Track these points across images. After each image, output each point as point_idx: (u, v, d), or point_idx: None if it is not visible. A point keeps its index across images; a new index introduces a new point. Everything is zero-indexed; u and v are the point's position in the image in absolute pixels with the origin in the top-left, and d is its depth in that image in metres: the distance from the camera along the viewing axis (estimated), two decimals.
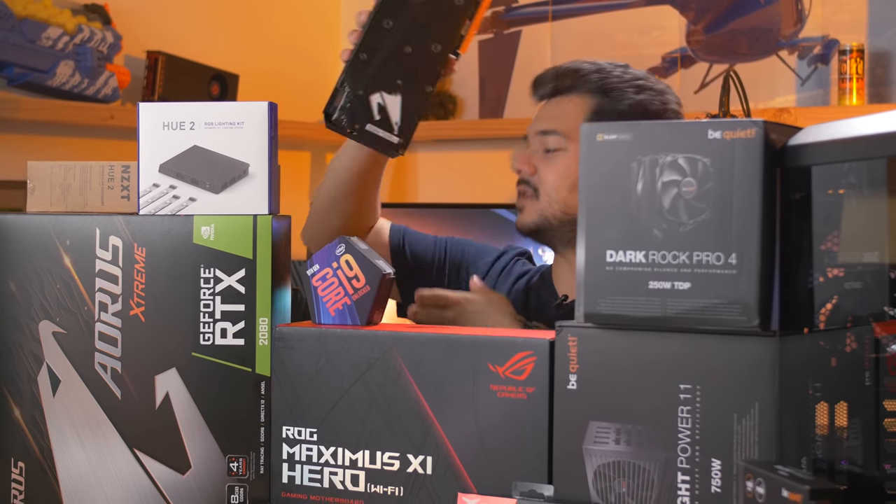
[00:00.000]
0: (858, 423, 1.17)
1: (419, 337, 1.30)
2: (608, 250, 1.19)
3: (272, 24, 3.86)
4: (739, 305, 1.13)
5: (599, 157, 1.20)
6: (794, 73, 3.40)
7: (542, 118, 1.97)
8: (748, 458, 1.12)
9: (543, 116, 1.97)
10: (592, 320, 1.20)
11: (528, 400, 1.24)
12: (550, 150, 1.94)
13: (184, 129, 1.41)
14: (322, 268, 1.40)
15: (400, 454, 1.30)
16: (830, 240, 1.17)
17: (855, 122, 1.06)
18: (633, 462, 1.18)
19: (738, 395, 1.14)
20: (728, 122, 1.15)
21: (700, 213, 1.15)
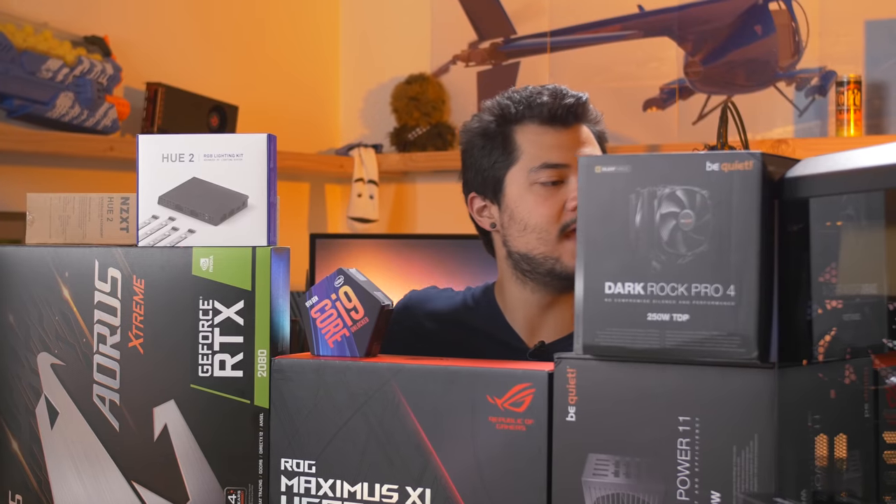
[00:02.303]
0: (858, 456, 1.17)
1: (418, 369, 1.30)
2: (607, 282, 1.19)
3: (271, 57, 3.87)
4: (738, 337, 1.13)
5: (598, 188, 1.20)
6: (792, 105, 3.41)
7: (584, 146, 1.82)
8: (748, 491, 1.12)
9: (584, 144, 1.82)
10: (591, 352, 1.20)
11: (526, 432, 1.24)
12: None
13: (183, 161, 1.41)
14: (321, 299, 1.40)
15: (398, 486, 1.29)
16: (829, 272, 1.17)
17: (852, 155, 1.07)
18: (633, 495, 1.17)
19: (738, 427, 1.13)
20: (726, 155, 1.15)
21: (698, 245, 1.15)
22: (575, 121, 1.82)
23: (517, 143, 1.81)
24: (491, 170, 1.84)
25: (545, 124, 1.81)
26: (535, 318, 1.84)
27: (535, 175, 1.78)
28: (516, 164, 1.81)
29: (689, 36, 3.56)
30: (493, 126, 1.84)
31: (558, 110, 1.80)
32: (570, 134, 1.81)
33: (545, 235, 1.77)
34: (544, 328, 1.84)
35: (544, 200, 1.77)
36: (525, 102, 1.82)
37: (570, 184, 1.77)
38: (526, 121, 1.82)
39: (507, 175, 1.82)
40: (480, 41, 3.88)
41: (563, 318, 1.83)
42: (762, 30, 3.45)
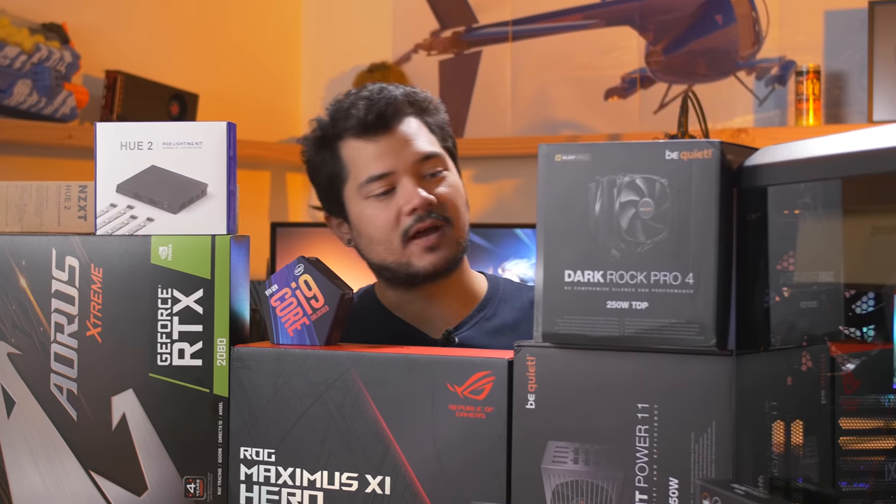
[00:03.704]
0: (814, 442, 1.18)
1: (378, 357, 1.30)
2: (566, 270, 1.19)
3: (232, 44, 3.85)
4: (696, 325, 1.13)
5: (557, 177, 1.20)
6: (752, 94, 3.43)
7: (405, 147, 1.76)
8: (705, 477, 1.12)
9: (404, 145, 1.76)
10: (551, 340, 1.20)
11: (486, 420, 1.24)
12: (436, 174, 1.77)
13: (142, 149, 1.40)
14: (281, 288, 1.39)
15: (358, 474, 1.29)
16: (786, 260, 1.18)
17: (810, 144, 1.07)
18: (592, 481, 1.18)
19: (696, 414, 1.14)
20: (685, 143, 1.15)
21: (657, 233, 1.15)
22: (392, 123, 1.76)
23: (343, 160, 1.78)
24: (330, 189, 1.81)
25: (361, 138, 1.76)
26: (424, 310, 1.82)
27: (366, 189, 1.74)
28: (348, 180, 1.78)
29: (651, 25, 3.57)
30: (321, 145, 1.81)
31: (370, 120, 1.75)
32: (390, 139, 1.76)
33: (389, 245, 1.74)
34: (436, 319, 1.82)
35: (380, 212, 1.74)
36: (341, 117, 1.78)
37: (401, 188, 1.73)
38: (344, 136, 1.77)
39: (344, 193, 1.79)
40: (442, 30, 3.87)
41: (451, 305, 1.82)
42: (723, 19, 3.47)
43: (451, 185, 1.78)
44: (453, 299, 1.81)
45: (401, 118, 1.77)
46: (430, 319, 1.80)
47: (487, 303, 1.83)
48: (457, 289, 1.81)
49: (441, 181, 1.76)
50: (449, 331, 1.78)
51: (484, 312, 1.81)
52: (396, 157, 1.74)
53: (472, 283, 1.85)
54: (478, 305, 1.82)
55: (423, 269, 1.73)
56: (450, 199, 1.76)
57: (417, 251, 1.73)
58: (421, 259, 1.73)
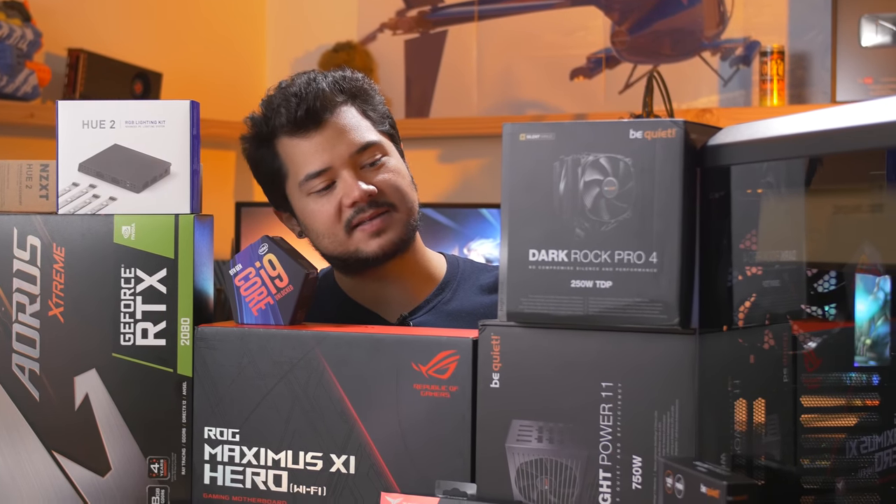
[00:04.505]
0: (777, 420, 1.19)
1: (342, 336, 1.30)
2: (531, 249, 1.19)
3: (197, 22, 3.83)
4: (660, 304, 1.14)
5: (522, 156, 1.20)
6: (717, 74, 3.44)
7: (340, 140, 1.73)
8: (668, 455, 1.13)
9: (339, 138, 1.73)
10: (515, 319, 1.20)
11: (451, 399, 1.24)
12: (375, 162, 1.74)
13: (104, 128, 1.39)
14: (245, 267, 1.39)
15: (323, 454, 1.29)
16: (749, 239, 1.18)
17: (772, 123, 1.08)
18: (556, 460, 1.18)
19: (659, 392, 1.15)
20: (649, 122, 1.16)
21: (621, 212, 1.16)
22: (324, 117, 1.73)
23: (281, 158, 1.76)
24: (273, 185, 1.79)
25: (294, 135, 1.73)
26: (380, 293, 1.81)
27: (306, 186, 1.73)
28: (288, 178, 1.76)
29: (616, 5, 3.57)
30: (258, 143, 1.79)
31: (300, 117, 1.72)
32: (323, 134, 1.73)
33: (335, 238, 1.73)
34: (393, 302, 1.81)
35: (322, 207, 1.72)
36: (273, 114, 1.75)
37: (341, 182, 1.72)
38: (279, 134, 1.75)
39: (287, 189, 1.77)
40: (408, 9, 3.86)
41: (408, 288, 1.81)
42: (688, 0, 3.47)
43: (391, 170, 1.76)
44: (409, 281, 1.80)
45: (333, 109, 1.74)
46: (387, 302, 1.80)
47: (446, 286, 1.82)
48: (412, 270, 1.80)
49: (381, 168, 1.74)
50: (404, 315, 1.77)
51: (442, 296, 1.80)
52: (332, 152, 1.72)
53: (429, 265, 1.84)
54: (436, 289, 1.81)
55: (372, 253, 1.72)
56: (391, 185, 1.74)
57: (363, 237, 1.71)
58: (368, 245, 1.72)
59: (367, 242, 1.72)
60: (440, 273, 1.84)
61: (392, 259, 1.75)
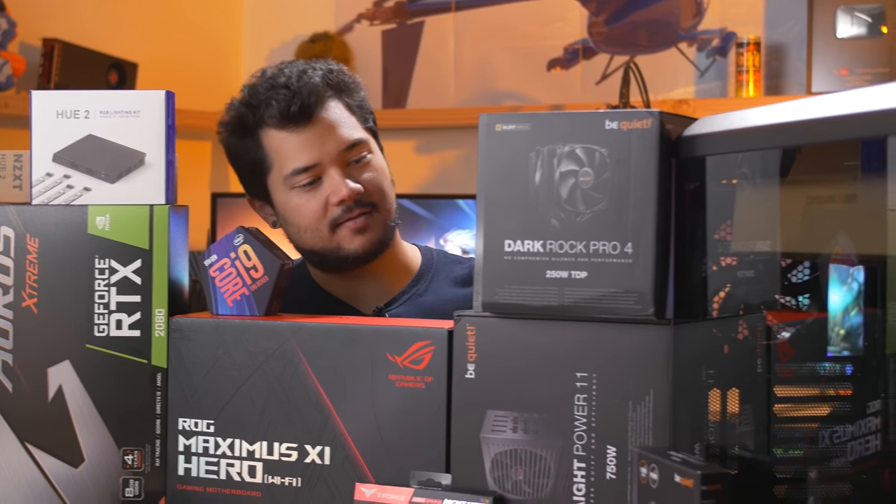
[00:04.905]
0: (750, 409, 1.19)
1: (318, 327, 1.30)
2: (506, 240, 1.19)
3: (173, 12, 3.81)
4: (635, 294, 1.14)
5: (498, 147, 1.20)
6: (693, 66, 3.45)
7: (329, 136, 1.72)
8: (642, 445, 1.13)
9: (328, 134, 1.72)
10: (490, 309, 1.20)
11: (426, 389, 1.24)
12: (361, 160, 1.74)
13: (78, 118, 1.39)
14: (220, 258, 1.38)
15: (298, 445, 1.29)
16: (724, 229, 1.18)
17: (747, 114, 1.08)
18: (530, 450, 1.18)
19: (634, 382, 1.15)
20: (625, 113, 1.16)
21: (597, 202, 1.16)
22: (314, 112, 1.71)
23: (265, 149, 1.74)
24: (253, 175, 1.77)
25: (282, 129, 1.71)
26: (355, 287, 1.81)
27: (291, 181, 1.71)
28: (272, 170, 1.74)
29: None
30: (241, 132, 1.76)
31: (292, 112, 1.70)
32: (313, 130, 1.71)
33: (318, 234, 1.72)
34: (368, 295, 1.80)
35: (307, 202, 1.72)
36: (261, 104, 1.72)
37: (327, 179, 1.71)
38: (264, 127, 1.73)
39: (269, 181, 1.76)
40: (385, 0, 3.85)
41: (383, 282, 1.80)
42: None
43: (375, 168, 1.75)
44: (385, 275, 1.80)
45: (322, 105, 1.73)
46: (362, 296, 1.79)
47: (421, 277, 1.82)
48: (388, 265, 1.80)
49: (366, 166, 1.74)
50: (379, 307, 1.77)
51: (417, 288, 1.80)
52: (321, 149, 1.71)
53: (404, 258, 1.84)
54: (410, 281, 1.81)
55: (353, 252, 1.72)
56: (375, 184, 1.74)
57: (347, 234, 1.71)
58: (351, 242, 1.71)
59: (351, 240, 1.71)
60: (415, 265, 1.84)
61: (371, 259, 1.74)
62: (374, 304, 1.77)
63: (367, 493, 1.24)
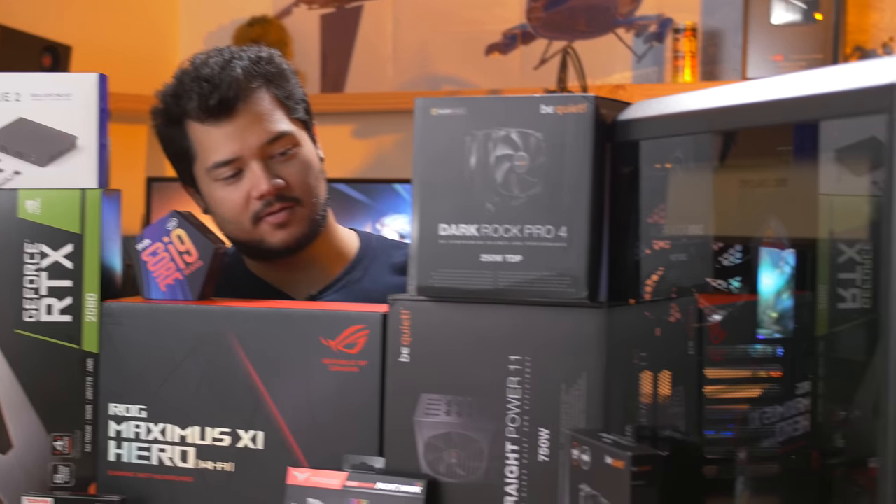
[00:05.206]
0: (682, 391, 1.20)
1: (251, 311, 1.29)
2: (441, 224, 1.19)
3: None
4: (569, 278, 1.14)
5: (433, 131, 1.20)
6: (631, 51, 3.46)
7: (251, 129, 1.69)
8: (575, 427, 1.14)
9: (250, 127, 1.69)
10: (425, 293, 1.20)
11: (360, 373, 1.24)
12: (285, 153, 1.71)
13: (9, 101, 1.37)
14: (153, 242, 1.37)
15: (231, 430, 1.28)
16: (657, 213, 1.19)
17: (681, 98, 1.09)
18: (463, 433, 1.19)
19: (567, 365, 1.15)
20: (560, 98, 1.16)
21: (532, 186, 1.16)
22: (237, 105, 1.68)
23: (190, 139, 1.72)
24: (181, 163, 1.76)
25: (204, 122, 1.69)
26: (288, 275, 1.79)
27: (213, 173, 1.70)
28: (196, 161, 1.73)
29: None
30: (168, 121, 1.74)
31: (212, 105, 1.67)
32: (235, 123, 1.68)
33: (240, 226, 1.71)
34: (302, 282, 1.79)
35: (229, 195, 1.70)
36: (183, 95, 1.70)
37: (249, 173, 1.69)
38: (187, 119, 1.70)
39: (195, 170, 1.74)
40: None
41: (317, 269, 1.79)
42: None
43: (301, 162, 1.72)
44: (319, 263, 1.78)
45: (246, 97, 1.69)
46: (295, 283, 1.78)
47: (357, 264, 1.80)
48: (322, 253, 1.78)
49: (291, 160, 1.71)
50: (312, 294, 1.76)
51: (352, 274, 1.79)
52: (243, 142, 1.68)
53: (340, 244, 1.82)
54: (346, 267, 1.80)
55: (275, 245, 1.70)
56: (300, 179, 1.71)
57: (268, 229, 1.69)
58: (273, 236, 1.70)
59: (273, 234, 1.70)
60: (351, 251, 1.83)
61: (297, 252, 1.73)
62: (308, 290, 1.76)
63: (299, 477, 1.24)
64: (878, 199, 0.85)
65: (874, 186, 0.87)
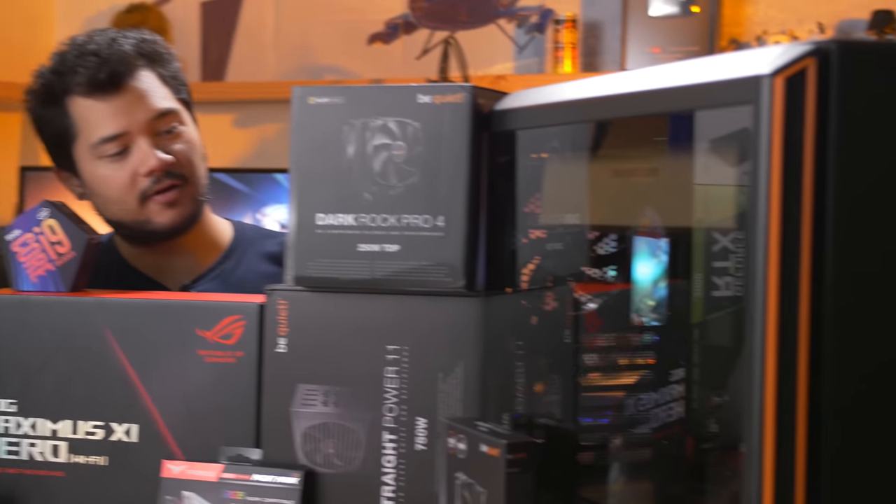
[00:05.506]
0: (558, 379, 1.21)
1: (125, 303, 1.27)
2: (318, 213, 1.19)
3: None
4: (446, 267, 1.15)
5: (310, 120, 1.20)
6: (513, 42, 3.48)
7: (138, 105, 1.68)
8: (452, 416, 1.14)
9: (137, 103, 1.68)
10: (302, 283, 1.20)
11: (236, 364, 1.23)
12: (172, 130, 1.69)
13: None
14: (23, 232, 1.34)
15: (104, 423, 1.26)
16: (534, 202, 1.20)
17: (556, 89, 1.10)
18: (341, 423, 1.18)
19: (444, 354, 1.16)
20: (437, 87, 1.16)
21: (409, 176, 1.16)
22: (124, 81, 1.67)
23: (72, 117, 1.68)
24: (59, 145, 1.73)
25: (90, 97, 1.66)
26: (163, 263, 1.77)
27: (99, 150, 1.67)
28: (78, 138, 1.69)
29: None
30: (47, 100, 1.71)
31: (101, 79, 1.65)
32: (122, 98, 1.67)
33: (126, 206, 1.68)
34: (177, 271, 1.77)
35: (114, 173, 1.67)
36: (68, 71, 1.67)
37: (136, 149, 1.67)
38: (71, 94, 1.67)
39: (75, 150, 1.71)
40: None
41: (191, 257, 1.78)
42: None
43: (187, 140, 1.71)
44: (194, 251, 1.77)
45: (133, 73, 1.68)
46: (170, 271, 1.76)
47: (231, 254, 1.79)
48: (197, 241, 1.76)
49: (177, 138, 1.70)
50: (185, 284, 1.74)
51: (226, 264, 1.77)
52: (130, 117, 1.66)
53: (214, 233, 1.81)
54: (220, 257, 1.78)
55: (163, 225, 1.68)
56: (186, 156, 1.70)
57: (157, 208, 1.67)
58: (160, 216, 1.68)
59: (161, 213, 1.67)
60: (225, 241, 1.81)
61: (180, 233, 1.71)
62: (182, 280, 1.74)
63: (174, 470, 1.22)
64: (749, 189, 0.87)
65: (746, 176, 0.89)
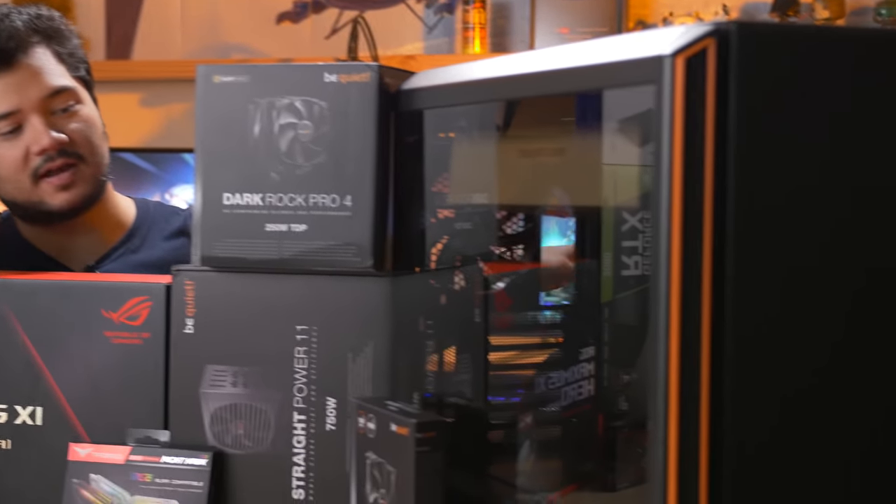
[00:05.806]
0: (469, 358, 1.22)
1: (28, 284, 1.25)
2: (225, 193, 1.18)
3: None
4: (354, 247, 1.15)
5: (215, 99, 1.19)
6: (422, 22, 3.48)
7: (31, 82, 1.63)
8: (361, 396, 1.14)
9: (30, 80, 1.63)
10: (209, 263, 1.19)
11: (143, 345, 1.22)
12: (67, 109, 1.64)
13: None
14: None
15: (7, 406, 1.24)
16: (441, 182, 1.20)
17: (462, 68, 1.10)
18: (250, 404, 1.18)
19: (353, 334, 1.16)
20: (343, 66, 1.16)
21: (316, 155, 1.16)
22: (16, 57, 1.62)
23: None
24: None
25: None
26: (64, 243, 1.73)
27: None
28: None
29: None
30: None
31: None
32: (14, 75, 1.62)
33: (19, 184, 1.64)
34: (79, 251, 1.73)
35: (6, 151, 1.63)
36: None
37: (29, 127, 1.62)
38: None
39: None
40: None
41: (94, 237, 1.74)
42: None
43: (84, 119, 1.67)
44: (96, 231, 1.74)
45: (26, 50, 1.63)
46: (73, 252, 1.73)
47: (135, 232, 1.76)
48: (100, 220, 1.73)
49: (73, 116, 1.65)
50: (90, 266, 1.71)
51: (130, 244, 1.75)
52: (22, 94, 1.62)
53: (118, 212, 1.78)
54: (123, 236, 1.75)
55: (58, 207, 1.65)
56: (83, 135, 1.66)
57: (50, 190, 1.64)
58: (54, 198, 1.64)
59: (54, 196, 1.64)
60: (129, 220, 1.78)
61: (78, 214, 1.68)
62: (86, 260, 1.71)
63: (81, 452, 1.21)
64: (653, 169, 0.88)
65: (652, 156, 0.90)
